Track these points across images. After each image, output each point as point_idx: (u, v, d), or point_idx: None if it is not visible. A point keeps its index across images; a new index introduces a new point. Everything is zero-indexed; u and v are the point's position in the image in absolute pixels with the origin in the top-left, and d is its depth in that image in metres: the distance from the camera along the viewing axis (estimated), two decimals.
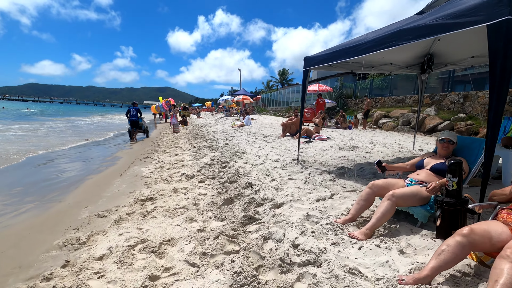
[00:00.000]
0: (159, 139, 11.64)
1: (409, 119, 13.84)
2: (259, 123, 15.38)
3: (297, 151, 5.19)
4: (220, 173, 4.94)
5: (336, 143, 7.20)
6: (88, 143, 11.08)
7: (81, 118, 29.96)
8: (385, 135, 10.78)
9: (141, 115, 12.22)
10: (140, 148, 9.52)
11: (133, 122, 11.65)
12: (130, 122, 11.71)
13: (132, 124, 11.67)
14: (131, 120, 11.63)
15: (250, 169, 4.75)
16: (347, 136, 9.40)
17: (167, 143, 10.24)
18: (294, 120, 8.92)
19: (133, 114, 11.66)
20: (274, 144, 7.59)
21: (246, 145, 7.71)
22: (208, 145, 8.28)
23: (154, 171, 5.66)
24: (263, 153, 6.31)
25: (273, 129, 11.86)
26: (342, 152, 5.80)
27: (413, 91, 16.55)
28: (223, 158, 6.12)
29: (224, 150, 7.11)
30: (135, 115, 11.68)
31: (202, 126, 16.40)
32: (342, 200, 3.12)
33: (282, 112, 33.60)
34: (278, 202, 3.21)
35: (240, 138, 9.23)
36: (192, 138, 10.95)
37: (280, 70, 65.57)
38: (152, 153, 8.07)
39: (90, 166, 6.63)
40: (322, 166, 4.80)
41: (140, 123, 12.16)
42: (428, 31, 2.63)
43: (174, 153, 7.76)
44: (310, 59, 4.66)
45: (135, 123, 11.69)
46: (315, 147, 6.75)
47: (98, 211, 3.60)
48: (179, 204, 3.58)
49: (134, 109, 11.83)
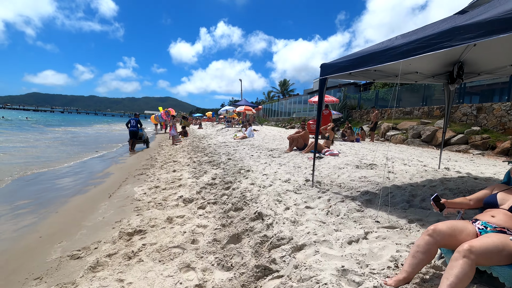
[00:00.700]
0: (156, 152, 10.98)
1: (419, 132, 13.21)
2: (262, 135, 14.76)
3: (312, 171, 4.51)
4: (223, 196, 4.26)
5: (350, 160, 6.53)
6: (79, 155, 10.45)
7: (82, 129, 29.40)
8: (397, 149, 10.13)
9: (141, 126, 12.48)
10: (135, 162, 8.86)
11: (132, 132, 11.78)
12: (130, 133, 11.85)
13: (131, 135, 11.80)
14: (131, 130, 11.79)
15: (258, 193, 4.08)
16: (359, 150, 8.74)
17: (165, 156, 9.58)
18: (302, 133, 8.28)
19: (133, 125, 11.84)
20: (281, 160, 6.93)
21: (251, 160, 7.05)
22: (209, 160, 7.62)
23: (147, 191, 4.98)
24: (270, 171, 5.64)
25: (278, 141, 11.22)
26: (360, 172, 5.13)
27: (422, 103, 16.00)
28: (226, 176, 5.45)
29: (226, 166, 6.45)
30: (135, 126, 11.86)
31: (202, 138, 15.77)
32: (381, 242, 2.44)
33: (284, 122, 33.10)
34: (298, 243, 2.52)
35: (243, 152, 8.58)
36: (192, 151, 10.30)
37: (281, 81, 65.53)
38: (148, 169, 7.40)
39: (76, 185, 5.95)
40: (342, 189, 4.13)
41: (140, 133, 12.46)
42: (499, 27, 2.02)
43: (172, 168, 7.09)
44: (328, 66, 4.05)
45: (134, 133, 11.84)
46: (328, 164, 6.09)
47: (73, 249, 2.91)
48: (173, 241, 2.90)
49: (134, 120, 11.98)
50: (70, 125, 34.10)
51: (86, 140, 16.92)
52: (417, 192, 3.81)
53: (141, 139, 12.76)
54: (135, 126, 11.83)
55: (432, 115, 14.44)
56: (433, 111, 14.47)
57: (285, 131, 19.94)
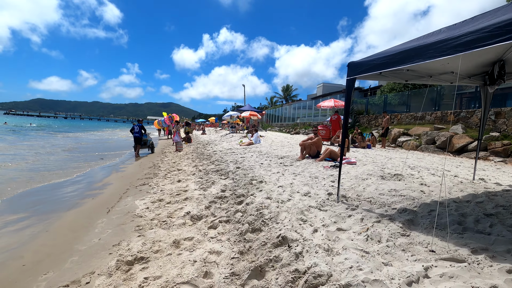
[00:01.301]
0: (160, 159, 10.49)
1: (434, 138, 12.63)
2: (269, 141, 14.25)
3: (338, 185, 3.96)
4: (237, 213, 3.73)
5: (370, 169, 5.99)
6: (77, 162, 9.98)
7: (84, 134, 29.06)
8: (414, 156, 9.56)
9: (145, 132, 12.69)
10: (137, 170, 8.37)
11: (137, 139, 11.91)
12: (134, 139, 11.97)
13: (136, 140, 11.92)
14: (135, 136, 11.93)
15: (278, 210, 3.54)
16: (375, 158, 8.19)
17: (169, 164, 9.08)
18: (315, 140, 7.75)
19: (137, 131, 11.98)
20: (294, 169, 6.40)
21: (262, 169, 6.53)
22: (216, 169, 7.11)
23: (150, 206, 4.46)
24: (285, 182, 5.12)
25: (287, 148, 10.69)
26: (388, 184, 4.58)
27: (434, 107, 15.44)
28: (237, 188, 4.93)
29: (236, 176, 5.93)
30: (139, 132, 12.00)
31: (206, 144, 15.28)
32: (450, 283, 1.90)
33: (288, 128, 32.62)
34: (340, 282, 1.98)
35: (252, 160, 8.06)
36: (196, 159, 9.79)
37: (284, 86, 65.24)
38: (151, 178, 6.89)
39: (72, 197, 5.44)
40: (373, 205, 3.59)
41: (144, 139, 12.70)
42: None
43: (177, 178, 6.58)
44: (357, 65, 3.55)
45: (138, 139, 11.96)
46: (348, 174, 5.54)
47: (59, 284, 2.39)
48: (181, 274, 2.37)
49: (138, 126, 12.13)
50: (74, 131, 33.85)
51: (90, 146, 16.48)
52: (465, 210, 3.26)
53: (146, 144, 13.02)
54: (138, 132, 12.00)
55: (446, 120, 13.87)
56: (446, 116, 13.91)
57: (291, 137, 19.42)
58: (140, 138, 12.06)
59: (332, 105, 11.91)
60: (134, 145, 12.02)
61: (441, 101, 20.28)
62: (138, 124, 12.22)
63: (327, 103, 12.29)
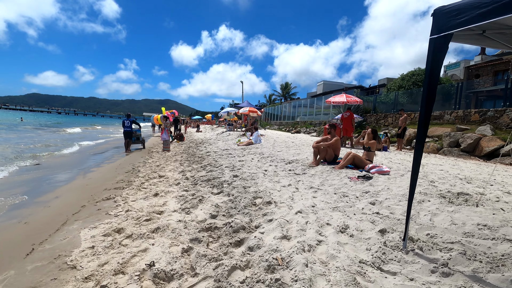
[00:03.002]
0: (143, 161, 8.86)
1: (458, 140, 11.14)
2: (270, 140, 12.65)
3: (406, 226, 2.33)
4: (235, 272, 2.14)
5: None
6: (44, 160, 8.32)
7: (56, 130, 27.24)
8: (447, 163, 8.03)
9: (140, 127, 12.82)
10: (110, 175, 6.73)
11: (127, 133, 11.62)
12: (124, 133, 11.67)
13: (126, 135, 11.63)
14: (125, 131, 11.63)
15: (310, 273, 1.96)
16: (403, 164, 6.65)
17: (151, 168, 7.45)
18: (332, 142, 6.17)
19: (127, 125, 11.67)
20: (310, 180, 4.83)
21: (267, 180, 4.96)
22: (207, 177, 5.51)
23: (98, 244, 2.85)
24: (303, 202, 3.55)
25: (293, 150, 9.10)
26: (463, 211, 3.03)
27: (455, 106, 13.95)
28: (234, 213, 3.35)
29: (233, 190, 4.34)
30: (129, 126, 11.71)
31: (200, 143, 13.66)
32: None
33: (288, 126, 31.11)
34: None
35: (253, 165, 6.48)
36: (186, 161, 8.17)
37: (282, 84, 63.59)
38: (122, 188, 5.28)
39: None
40: (474, 262, 2.03)
41: (137, 133, 12.74)
42: None
43: (155, 190, 4.97)
44: (452, 12, 1.96)
45: (129, 134, 11.69)
46: (389, 191, 3.98)
47: None
48: None
49: (128, 120, 11.79)
50: (76, 125, 32.00)
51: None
52: None
53: (139, 139, 12.97)
54: (129, 127, 11.71)
55: (469, 120, 12.36)
56: (469, 115, 12.40)
57: (293, 136, 17.84)
58: (131, 132, 11.82)
59: (344, 100, 10.36)
60: (125, 140, 11.76)
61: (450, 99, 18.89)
62: (128, 119, 11.89)
63: (338, 98, 10.72)
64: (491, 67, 22.08)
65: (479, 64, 23.24)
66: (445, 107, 16.57)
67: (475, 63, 24.70)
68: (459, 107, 13.80)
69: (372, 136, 5.84)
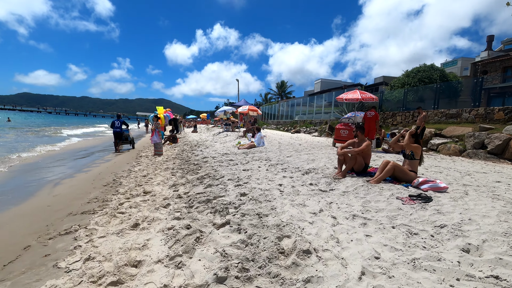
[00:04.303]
0: (128, 169, 7.51)
1: (483, 141, 10.01)
2: (274, 143, 11.38)
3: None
4: None
5: (489, 206, 3.20)
6: (9, 168, 6.91)
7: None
8: (480, 167, 6.86)
9: (128, 127, 12.64)
10: (83, 189, 5.36)
11: (117, 133, 11.55)
12: (114, 134, 11.59)
13: (116, 135, 11.57)
14: (115, 132, 11.55)
15: None
16: (444, 171, 5.44)
17: (136, 179, 6.12)
18: (363, 147, 4.91)
19: (117, 126, 11.59)
20: (346, 202, 3.57)
21: (286, 200, 3.69)
22: (206, 196, 4.21)
23: None
24: (359, 249, 2.29)
25: (305, 155, 7.82)
26: None
27: (474, 103, 12.85)
28: (253, 273, 2.06)
29: (243, 220, 3.06)
30: (119, 127, 11.63)
31: (195, 146, 12.31)
32: None
33: (287, 126, 29.94)
34: None
35: (261, 176, 5.20)
36: (179, 170, 6.85)
37: (278, 83, 62.32)
38: (92, 213, 3.95)
39: None
40: None
41: (126, 134, 12.72)
42: None
43: (134, 217, 3.65)
44: None
45: (119, 134, 11.62)
46: (473, 223, 2.74)
47: None
48: None
49: (118, 121, 11.75)
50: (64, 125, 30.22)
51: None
52: None
53: (127, 139, 12.98)
54: (119, 127, 11.60)
55: (492, 119, 11.26)
56: (492, 113, 11.29)
57: (296, 137, 16.60)
58: (121, 133, 11.75)
59: (359, 97, 9.14)
60: (114, 140, 11.68)
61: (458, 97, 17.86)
62: (118, 120, 11.82)
63: (351, 95, 9.49)
64: (500, 63, 21.11)
65: (487, 60, 22.26)
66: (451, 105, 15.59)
67: (482, 59, 23.76)
68: (478, 105, 12.70)
69: (414, 139, 4.60)
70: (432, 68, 20.97)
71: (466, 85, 19.16)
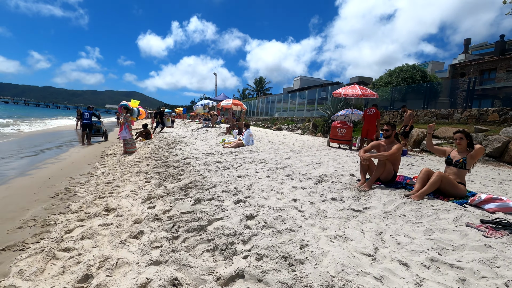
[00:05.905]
0: (89, 172, 5.99)
1: (480, 143, 9.59)
2: (263, 141, 10.23)
3: None
4: None
5: None
6: None
7: None
8: (490, 173, 6.23)
9: (99, 118, 12.60)
10: (20, 203, 3.88)
11: (86, 125, 11.27)
12: (83, 126, 11.32)
13: (85, 127, 11.29)
14: (84, 123, 11.27)
15: None
16: (488, 184, 4.65)
17: (98, 187, 4.69)
18: (393, 151, 3.92)
19: (87, 118, 11.28)
20: (398, 230, 2.53)
21: (315, 227, 2.58)
22: (197, 220, 2.97)
23: None
24: None
25: (305, 156, 6.75)
26: None
27: (466, 104, 12.57)
28: None
29: (263, 265, 1.88)
30: (89, 119, 11.36)
31: (172, 143, 10.84)
32: None
33: (266, 122, 29.00)
34: None
35: (265, 186, 4.04)
36: (154, 174, 5.48)
37: (256, 79, 61.24)
38: (21, 249, 2.58)
39: None
40: None
41: (97, 126, 12.65)
42: None
43: (88, 257, 2.34)
44: None
45: (89, 126, 11.38)
46: None
47: None
48: None
49: (88, 112, 11.47)
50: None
51: None
52: None
53: (99, 132, 12.89)
54: (89, 119, 11.32)
55: (486, 120, 10.96)
56: (486, 114, 11.00)
57: (282, 134, 15.58)
58: (91, 124, 11.46)
59: (359, 93, 8.27)
60: (82, 132, 11.37)
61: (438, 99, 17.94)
62: (88, 111, 11.47)
63: (351, 90, 8.59)
64: (477, 65, 21.57)
65: (465, 63, 22.71)
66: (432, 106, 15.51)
67: (459, 61, 24.26)
68: (470, 105, 12.44)
69: (466, 143, 3.68)
70: (414, 68, 21.01)
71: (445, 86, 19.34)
